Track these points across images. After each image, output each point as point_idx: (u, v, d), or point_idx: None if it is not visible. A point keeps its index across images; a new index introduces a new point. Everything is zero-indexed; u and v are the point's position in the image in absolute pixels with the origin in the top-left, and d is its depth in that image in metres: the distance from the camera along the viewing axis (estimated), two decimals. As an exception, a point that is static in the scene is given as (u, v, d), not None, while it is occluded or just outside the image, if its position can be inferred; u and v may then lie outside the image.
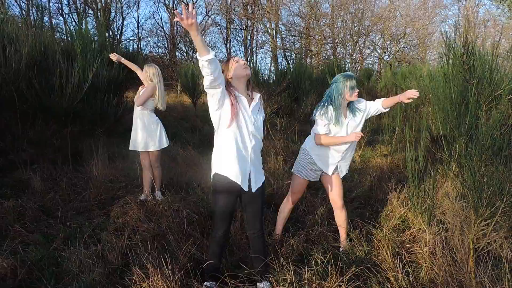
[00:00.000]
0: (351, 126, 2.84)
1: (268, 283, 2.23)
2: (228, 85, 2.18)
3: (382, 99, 2.83)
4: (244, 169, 2.19)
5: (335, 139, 2.81)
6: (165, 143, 3.85)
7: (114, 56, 3.83)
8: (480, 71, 2.66)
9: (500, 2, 16.56)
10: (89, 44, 4.53)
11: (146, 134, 3.72)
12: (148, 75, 3.73)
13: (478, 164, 2.20)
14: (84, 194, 3.70)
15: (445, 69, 2.88)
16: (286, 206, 3.10)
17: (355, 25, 19.08)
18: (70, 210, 3.43)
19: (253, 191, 2.23)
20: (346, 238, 3.03)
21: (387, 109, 2.84)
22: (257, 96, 2.28)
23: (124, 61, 3.88)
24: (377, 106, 2.83)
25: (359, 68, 18.89)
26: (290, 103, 6.94)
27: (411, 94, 2.60)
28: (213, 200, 2.24)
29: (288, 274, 2.09)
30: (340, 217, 3.01)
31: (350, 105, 2.85)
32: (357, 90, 2.77)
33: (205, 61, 1.86)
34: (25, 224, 3.08)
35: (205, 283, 2.18)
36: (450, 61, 2.81)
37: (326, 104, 2.83)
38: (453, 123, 2.61)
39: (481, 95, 2.74)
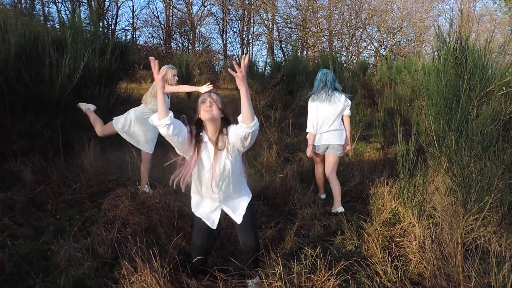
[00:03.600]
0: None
1: (258, 277, 2.23)
2: (200, 127, 2.07)
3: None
4: (210, 212, 2.20)
5: None
6: None
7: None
8: (472, 66, 2.65)
9: (497, -4, 16.53)
10: (80, 34, 4.46)
11: None
12: None
13: (468, 159, 2.20)
14: (75, 186, 3.67)
15: (438, 63, 2.87)
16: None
17: (352, 17, 18.98)
18: (60, 203, 3.40)
19: (238, 223, 2.21)
20: (339, 201, 3.64)
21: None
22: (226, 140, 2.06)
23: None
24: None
25: (355, 61, 18.83)
26: (284, 95, 6.91)
27: None
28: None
29: (277, 268, 2.09)
30: (330, 184, 3.77)
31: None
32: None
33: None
34: (14, 217, 3.05)
35: (193, 280, 2.18)
36: (443, 55, 2.80)
37: None
38: (444, 118, 2.61)
39: (472, 91, 2.73)
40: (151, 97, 3.68)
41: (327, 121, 3.70)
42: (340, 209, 3.54)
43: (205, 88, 3.58)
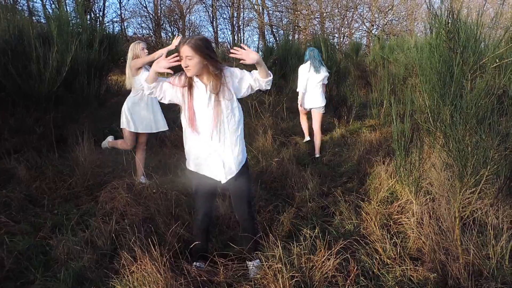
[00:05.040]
0: None
1: (258, 260, 2.24)
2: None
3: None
4: (209, 163, 2.13)
5: None
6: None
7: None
8: (465, 40, 2.62)
9: (487, -30, 16.32)
10: (66, 26, 4.36)
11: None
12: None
13: (463, 133, 2.19)
14: (71, 181, 3.64)
15: (430, 38, 2.83)
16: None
17: (343, -2, 18.73)
18: (57, 198, 3.38)
19: (223, 182, 2.14)
20: (318, 150, 4.93)
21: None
22: (215, 81, 2.06)
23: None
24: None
25: (347, 42, 18.67)
26: (277, 80, 6.85)
27: None
28: (193, 181, 2.24)
29: (277, 250, 2.09)
30: (314, 136, 4.97)
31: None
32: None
33: None
34: (11, 214, 3.03)
35: (194, 263, 2.19)
36: (435, 30, 2.76)
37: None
38: (438, 93, 2.59)
39: (465, 64, 2.70)
40: (130, 76, 3.65)
41: (312, 86, 4.82)
42: (317, 155, 4.87)
43: (175, 42, 3.52)
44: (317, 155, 4.88)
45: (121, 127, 3.73)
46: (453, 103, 2.50)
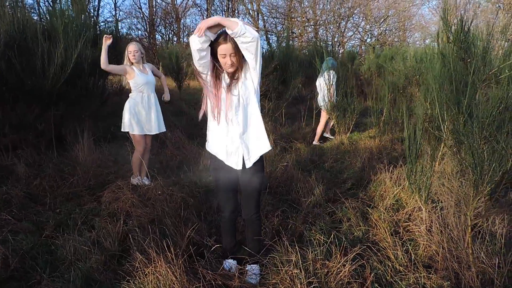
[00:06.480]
0: None
1: (257, 266, 2.22)
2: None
3: None
4: (230, 147, 2.06)
5: None
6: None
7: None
8: (479, 50, 2.66)
9: (480, -15, 16.73)
10: (71, 23, 4.29)
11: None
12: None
13: (478, 141, 2.21)
14: (72, 180, 3.56)
15: (442, 48, 2.86)
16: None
17: (338, 6, 18.96)
18: (58, 197, 3.30)
19: (247, 167, 2.07)
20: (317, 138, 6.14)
21: None
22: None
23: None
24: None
25: (341, 51, 18.84)
26: (277, 85, 6.86)
27: None
28: (213, 178, 2.20)
29: (294, 256, 2.07)
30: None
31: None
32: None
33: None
34: (12, 212, 2.94)
35: (225, 261, 2.18)
36: (451, 39, 2.79)
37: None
38: (452, 102, 2.61)
39: (477, 74, 2.74)
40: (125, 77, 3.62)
41: (319, 90, 6.04)
42: (315, 143, 6.06)
43: (107, 41, 3.37)
44: (315, 143, 6.03)
45: (126, 131, 3.64)
46: (467, 111, 2.52)
